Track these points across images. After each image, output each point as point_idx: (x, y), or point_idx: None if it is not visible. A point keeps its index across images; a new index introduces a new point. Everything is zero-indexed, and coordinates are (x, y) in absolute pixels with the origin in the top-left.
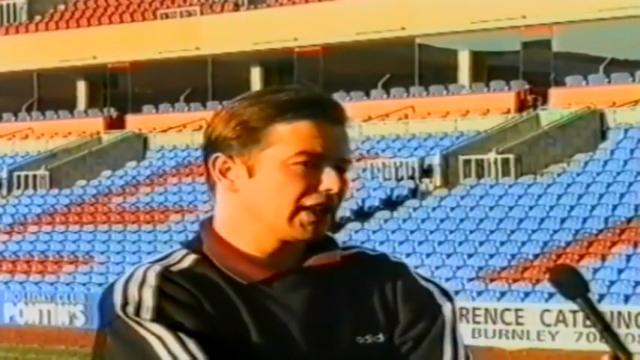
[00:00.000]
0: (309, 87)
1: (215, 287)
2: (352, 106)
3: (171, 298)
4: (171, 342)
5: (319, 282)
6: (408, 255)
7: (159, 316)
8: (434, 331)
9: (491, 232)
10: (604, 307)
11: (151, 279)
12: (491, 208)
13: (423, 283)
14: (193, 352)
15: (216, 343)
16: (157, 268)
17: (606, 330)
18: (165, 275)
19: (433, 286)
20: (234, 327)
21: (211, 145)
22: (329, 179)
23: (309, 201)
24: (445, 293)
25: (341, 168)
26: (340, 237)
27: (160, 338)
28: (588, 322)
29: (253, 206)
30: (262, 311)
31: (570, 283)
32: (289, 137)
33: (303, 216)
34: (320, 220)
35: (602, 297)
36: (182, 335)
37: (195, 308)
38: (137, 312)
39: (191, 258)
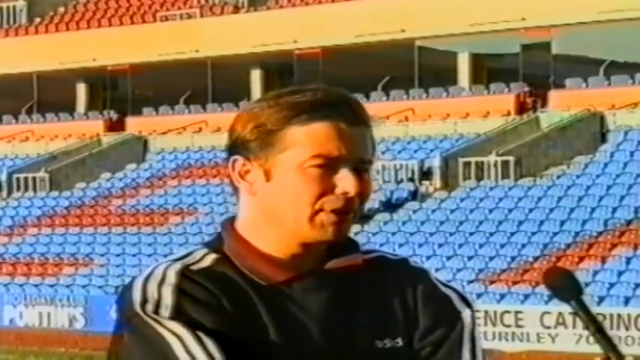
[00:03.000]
0: (328, 87)
1: (234, 287)
2: None
3: (190, 296)
4: (189, 341)
5: (339, 284)
6: None
7: (177, 314)
8: (452, 337)
9: (491, 234)
10: (604, 310)
11: (171, 277)
12: (490, 211)
13: (443, 288)
14: (212, 352)
15: (234, 342)
16: (177, 266)
17: (599, 332)
18: (185, 274)
19: (452, 292)
20: (253, 327)
21: (232, 147)
22: (346, 182)
23: (327, 204)
24: (464, 299)
25: (360, 169)
26: None
27: (178, 337)
28: None
29: (272, 210)
30: (281, 312)
31: (564, 286)
32: (304, 140)
33: (323, 217)
34: (341, 220)
35: (601, 299)
36: (201, 334)
37: (214, 307)
38: (156, 310)
39: (211, 257)
